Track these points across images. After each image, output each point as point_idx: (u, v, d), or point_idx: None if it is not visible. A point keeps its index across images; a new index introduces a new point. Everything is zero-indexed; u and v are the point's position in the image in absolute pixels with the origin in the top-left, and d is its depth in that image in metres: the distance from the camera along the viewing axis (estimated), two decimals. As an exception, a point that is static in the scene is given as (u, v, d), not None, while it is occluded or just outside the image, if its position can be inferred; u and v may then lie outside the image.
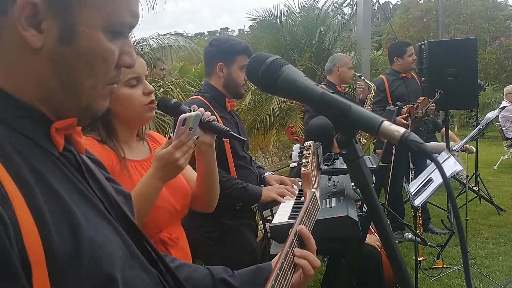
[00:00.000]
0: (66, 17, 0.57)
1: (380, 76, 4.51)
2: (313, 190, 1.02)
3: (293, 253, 0.83)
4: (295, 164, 1.07)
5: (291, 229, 0.87)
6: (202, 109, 1.33)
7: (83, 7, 0.57)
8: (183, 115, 1.15)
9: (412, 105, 4.01)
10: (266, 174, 2.26)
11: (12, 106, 0.57)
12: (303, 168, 1.02)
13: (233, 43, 2.13)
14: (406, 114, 3.98)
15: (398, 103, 4.09)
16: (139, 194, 1.18)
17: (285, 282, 0.75)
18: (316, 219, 1.00)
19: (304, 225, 0.89)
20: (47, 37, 0.57)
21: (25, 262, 0.49)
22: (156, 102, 1.35)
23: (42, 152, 0.58)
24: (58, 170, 0.59)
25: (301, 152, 1.10)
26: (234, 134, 1.37)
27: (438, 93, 4.04)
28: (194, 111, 1.28)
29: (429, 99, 4.05)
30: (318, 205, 1.04)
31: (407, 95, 4.18)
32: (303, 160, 1.03)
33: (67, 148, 0.63)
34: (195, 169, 1.45)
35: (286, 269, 0.79)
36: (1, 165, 0.50)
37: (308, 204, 0.97)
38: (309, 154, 1.06)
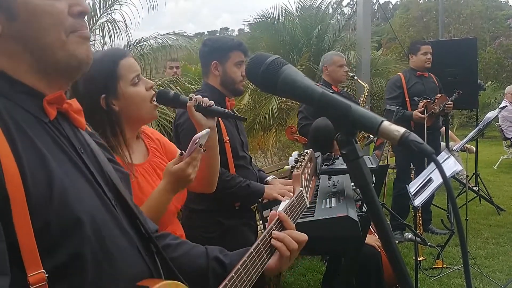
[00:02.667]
0: (2, 2, 0.71)
1: (398, 73, 4.52)
2: (300, 188, 1.11)
3: (270, 235, 0.94)
4: (289, 167, 1.19)
5: (272, 211, 0.98)
6: (199, 97, 1.38)
7: None
8: (196, 136, 1.21)
9: (428, 100, 4.00)
10: (269, 178, 2.26)
11: (13, 85, 0.73)
12: (294, 170, 1.14)
13: (225, 40, 2.14)
14: (423, 108, 3.96)
15: (415, 98, 4.08)
16: (153, 206, 1.25)
17: (260, 261, 0.88)
18: (314, 217, 1.06)
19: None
20: (1, 23, 0.71)
21: (2, 192, 0.62)
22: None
23: (34, 119, 0.73)
24: (45, 133, 0.74)
25: (298, 157, 1.22)
26: (234, 113, 1.45)
27: (457, 93, 4.04)
28: (193, 99, 1.36)
29: (447, 97, 4.05)
30: (306, 202, 1.12)
31: (424, 93, 4.16)
32: (297, 164, 1.17)
33: (59, 122, 0.78)
34: None
35: (261, 250, 0.90)
36: None
37: (294, 200, 1.06)
38: (303, 159, 1.19)
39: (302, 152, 1.24)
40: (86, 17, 0.80)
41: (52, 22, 0.73)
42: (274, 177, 2.31)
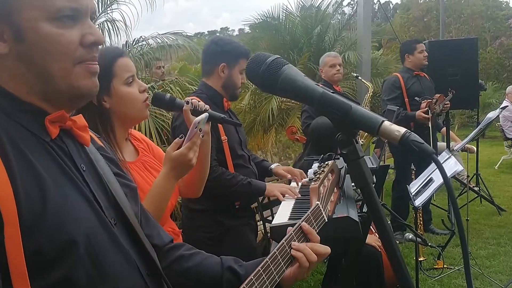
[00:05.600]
0: (12, 22, 0.71)
1: (394, 74, 4.47)
2: (317, 202, 1.08)
3: (290, 246, 0.92)
4: (306, 180, 1.12)
5: (289, 228, 0.95)
6: (195, 100, 1.39)
7: (20, 10, 0.71)
8: (196, 119, 1.22)
9: (430, 100, 3.97)
10: (273, 166, 2.30)
11: (14, 103, 0.73)
12: (312, 183, 1.10)
13: (237, 45, 2.14)
14: (426, 108, 3.93)
15: (416, 98, 4.05)
16: (157, 193, 1.25)
17: (276, 270, 0.87)
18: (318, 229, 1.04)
19: None
20: (9, 43, 0.71)
21: None
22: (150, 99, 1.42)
23: (34, 138, 0.72)
24: (45, 152, 0.73)
25: (317, 170, 1.18)
26: (229, 119, 1.45)
27: (451, 92, 4.04)
28: (189, 103, 1.38)
29: (444, 97, 4.04)
30: (323, 217, 1.08)
31: (422, 93, 4.14)
32: (315, 176, 1.13)
33: (62, 140, 0.77)
34: None
35: (278, 259, 0.88)
36: None
37: (309, 214, 1.02)
38: (322, 171, 1.15)
39: (323, 164, 1.21)
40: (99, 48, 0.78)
41: (60, 51, 0.72)
42: (278, 165, 2.34)
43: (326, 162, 1.21)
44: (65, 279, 0.67)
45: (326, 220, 1.10)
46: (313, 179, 1.13)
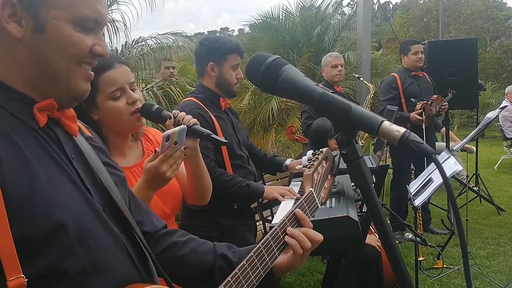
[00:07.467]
0: (37, 15, 0.73)
1: (392, 74, 4.47)
2: (310, 189, 1.08)
3: (283, 232, 0.92)
4: (300, 166, 1.11)
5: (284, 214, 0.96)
6: (183, 113, 1.33)
7: (50, 8, 0.74)
8: (165, 133, 1.16)
9: (426, 102, 3.97)
10: (287, 162, 2.30)
11: (6, 92, 0.74)
12: (306, 170, 1.09)
13: (223, 41, 2.12)
14: (421, 110, 3.93)
15: (412, 99, 4.04)
16: None
17: (268, 256, 0.87)
18: (314, 217, 1.04)
19: None
20: (25, 30, 0.73)
21: None
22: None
23: (23, 126, 0.73)
24: (34, 140, 0.73)
25: (311, 156, 1.16)
26: (214, 136, 1.35)
27: (451, 93, 4.03)
28: (174, 116, 1.31)
29: (442, 98, 4.03)
30: (316, 203, 1.08)
31: (420, 93, 4.13)
32: (309, 163, 1.12)
33: (51, 128, 0.78)
34: None
35: (271, 245, 0.89)
36: None
37: (302, 201, 1.03)
38: (316, 158, 1.14)
39: (316, 151, 1.20)
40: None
41: (73, 52, 0.76)
42: (292, 159, 2.33)
43: (320, 150, 1.20)
44: (56, 265, 0.67)
45: (320, 207, 1.10)
46: (307, 166, 1.12)
